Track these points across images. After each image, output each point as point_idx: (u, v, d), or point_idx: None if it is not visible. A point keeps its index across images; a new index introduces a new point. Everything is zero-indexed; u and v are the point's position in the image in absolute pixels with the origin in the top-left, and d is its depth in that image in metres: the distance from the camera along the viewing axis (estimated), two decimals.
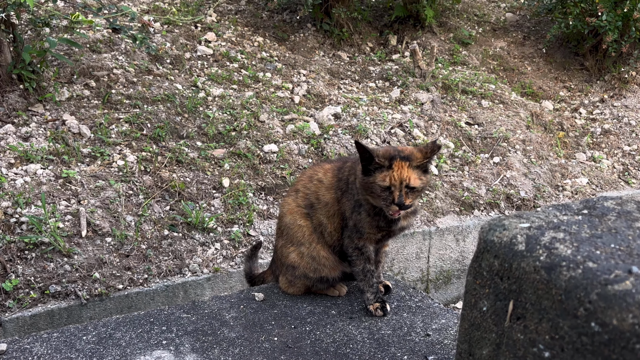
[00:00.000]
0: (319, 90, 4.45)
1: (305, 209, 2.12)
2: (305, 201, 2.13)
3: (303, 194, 2.15)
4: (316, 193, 2.11)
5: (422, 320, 2.00)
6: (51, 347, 1.79)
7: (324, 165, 2.20)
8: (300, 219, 2.12)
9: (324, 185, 2.10)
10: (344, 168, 2.10)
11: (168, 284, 2.84)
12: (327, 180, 2.10)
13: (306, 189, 2.15)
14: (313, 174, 2.18)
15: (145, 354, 1.75)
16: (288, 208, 2.17)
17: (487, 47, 5.69)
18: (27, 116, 3.41)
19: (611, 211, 1.15)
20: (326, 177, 2.12)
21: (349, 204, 2.01)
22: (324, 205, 2.09)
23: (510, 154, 4.24)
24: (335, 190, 2.07)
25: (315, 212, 2.11)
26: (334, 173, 2.12)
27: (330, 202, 2.08)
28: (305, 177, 2.20)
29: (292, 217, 2.14)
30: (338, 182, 2.07)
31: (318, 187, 2.12)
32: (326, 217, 2.09)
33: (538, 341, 0.99)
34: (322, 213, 2.09)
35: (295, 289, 2.21)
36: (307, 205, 2.12)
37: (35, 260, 2.73)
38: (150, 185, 3.23)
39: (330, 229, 2.09)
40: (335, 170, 2.13)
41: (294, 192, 2.21)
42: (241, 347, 1.80)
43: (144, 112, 3.66)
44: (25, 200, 2.88)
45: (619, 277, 0.88)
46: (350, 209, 2.00)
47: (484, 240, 1.12)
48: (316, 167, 2.24)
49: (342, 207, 2.04)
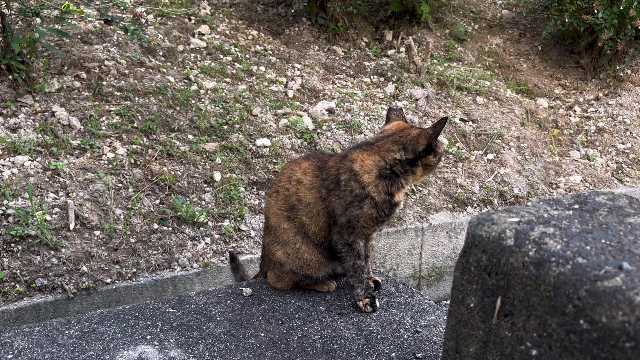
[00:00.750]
0: (313, 85, 4.41)
1: (286, 211, 2.10)
2: (285, 203, 2.10)
3: (283, 195, 2.11)
4: (297, 194, 2.08)
5: (412, 316, 1.98)
6: (32, 341, 1.75)
7: (302, 164, 2.14)
8: (284, 222, 2.11)
9: (305, 186, 2.06)
10: (326, 167, 2.06)
11: (157, 279, 2.80)
12: (308, 181, 2.07)
13: (286, 190, 2.11)
14: (291, 173, 2.13)
15: (129, 349, 1.72)
16: (272, 211, 2.15)
17: (483, 43, 5.67)
18: (16, 107, 3.36)
19: (603, 206, 1.12)
20: (306, 177, 2.08)
21: (341, 201, 1.98)
22: (306, 206, 2.06)
23: (504, 151, 4.22)
24: (318, 190, 2.03)
25: (296, 213, 2.08)
26: (315, 173, 2.07)
27: (312, 202, 2.05)
28: (284, 177, 2.16)
29: (277, 220, 2.13)
30: (322, 182, 2.03)
31: (298, 187, 2.08)
32: (309, 218, 2.06)
33: (526, 339, 0.96)
34: (304, 214, 2.07)
35: (283, 284, 2.19)
36: (288, 207, 2.10)
37: (22, 253, 2.69)
38: (140, 178, 3.19)
39: (315, 228, 2.06)
40: (316, 170, 2.08)
41: (275, 192, 2.17)
42: (227, 342, 1.77)
43: (135, 105, 3.61)
44: (12, 192, 2.84)
45: (609, 273, 0.85)
46: (344, 205, 1.97)
47: (472, 234, 1.09)
48: (293, 165, 2.18)
49: (329, 205, 2.01)
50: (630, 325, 0.78)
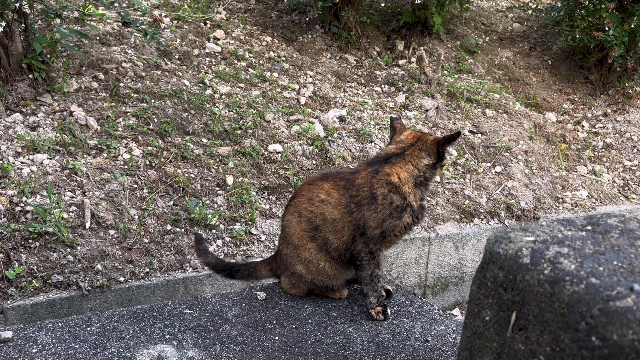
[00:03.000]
0: (325, 92, 4.48)
1: (309, 232, 2.17)
2: (309, 224, 2.16)
3: (306, 217, 2.17)
4: (321, 215, 2.14)
5: (422, 326, 2.03)
6: (56, 336, 1.81)
7: (323, 185, 2.18)
8: (307, 243, 2.17)
9: (330, 205, 2.12)
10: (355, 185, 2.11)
11: (169, 279, 2.86)
12: (334, 200, 2.12)
13: (309, 212, 2.16)
14: (313, 196, 2.18)
15: (149, 348, 1.78)
16: (294, 230, 2.20)
17: (493, 56, 5.72)
18: (35, 106, 3.44)
19: (614, 228, 1.18)
20: (331, 196, 2.13)
21: (378, 215, 2.03)
22: (331, 223, 2.12)
23: (512, 164, 4.27)
24: (346, 206, 2.09)
25: (320, 232, 2.15)
26: (340, 191, 2.12)
27: (338, 218, 2.11)
28: (305, 199, 2.20)
29: (300, 241, 2.18)
30: (352, 198, 2.08)
31: (322, 208, 2.13)
32: (333, 233, 2.13)
33: (539, 352, 1.02)
34: (329, 230, 2.13)
35: (297, 291, 2.25)
36: (311, 228, 2.16)
37: (39, 249, 2.76)
38: (154, 179, 3.26)
39: (337, 243, 2.13)
40: (342, 188, 2.13)
41: (296, 214, 2.21)
42: (243, 344, 1.83)
43: (151, 107, 3.68)
44: (30, 189, 2.91)
45: (621, 294, 0.91)
46: (382, 218, 2.03)
47: (490, 251, 1.15)
48: (313, 187, 2.21)
49: (359, 219, 2.06)
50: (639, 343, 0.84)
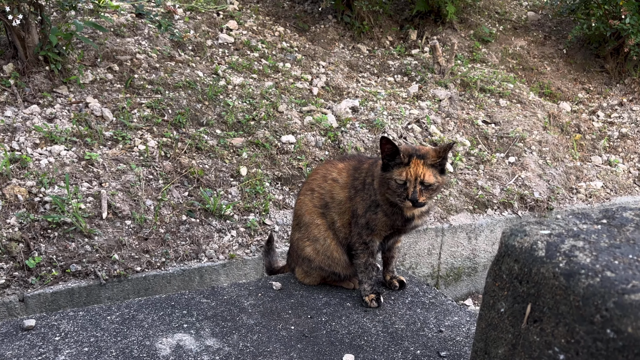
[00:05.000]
0: (338, 83, 4.48)
1: (320, 208, 2.20)
2: (320, 201, 2.20)
3: (318, 194, 2.21)
4: (331, 192, 2.18)
5: (435, 316, 2.05)
6: (77, 324, 1.86)
7: (337, 165, 2.24)
8: (317, 219, 2.20)
9: (339, 185, 2.16)
10: (360, 169, 2.16)
11: (185, 268, 2.90)
12: (342, 180, 2.16)
13: (321, 188, 2.21)
14: (327, 173, 2.23)
15: (167, 336, 1.82)
16: (306, 209, 2.24)
17: (507, 45, 5.68)
18: (52, 97, 3.48)
19: (630, 222, 1.18)
20: (341, 176, 2.17)
21: (364, 203, 2.07)
22: (338, 204, 2.16)
23: (526, 154, 4.25)
24: (349, 189, 2.13)
25: (329, 210, 2.19)
26: (350, 172, 2.17)
27: (343, 200, 2.15)
28: (319, 176, 2.25)
29: (310, 217, 2.22)
30: (353, 182, 2.13)
31: (333, 186, 2.18)
32: (337, 214, 2.16)
33: (554, 344, 1.03)
34: (335, 211, 2.17)
35: (311, 279, 2.28)
36: (322, 205, 2.20)
37: (58, 239, 2.81)
38: (170, 170, 3.29)
39: (339, 224, 2.17)
40: (351, 169, 2.18)
41: (309, 191, 2.26)
42: (259, 333, 1.86)
43: (165, 98, 3.71)
44: (49, 180, 2.96)
45: (636, 288, 0.92)
46: (365, 208, 2.06)
47: (505, 244, 1.16)
48: (328, 165, 2.28)
49: (354, 205, 2.10)
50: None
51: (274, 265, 2.59)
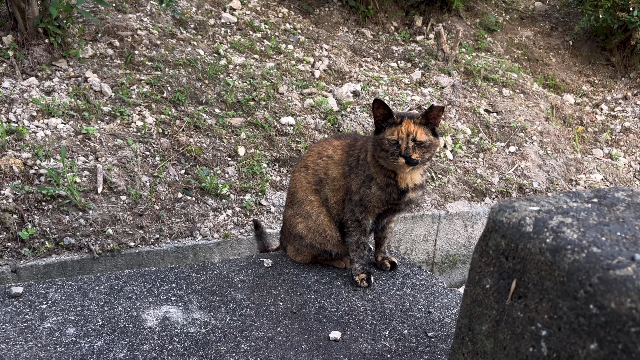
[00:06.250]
0: (340, 66, 4.44)
1: (314, 185, 2.19)
2: (314, 177, 2.19)
3: (312, 170, 2.20)
4: (325, 169, 2.17)
5: (425, 297, 2.04)
6: (65, 294, 1.85)
7: (333, 142, 2.24)
8: (310, 195, 2.19)
9: (333, 161, 2.16)
10: (355, 146, 2.15)
11: (178, 245, 2.90)
12: (337, 157, 2.16)
13: (315, 165, 2.20)
14: (322, 150, 2.23)
15: (155, 308, 1.81)
16: (300, 185, 2.23)
17: (513, 35, 5.62)
18: (51, 71, 3.46)
19: (621, 202, 1.16)
20: (336, 153, 2.17)
21: (357, 179, 2.06)
22: (332, 180, 2.15)
23: (526, 144, 4.22)
24: (343, 166, 2.12)
25: (323, 187, 2.18)
26: (344, 149, 2.17)
27: (337, 177, 2.14)
28: (314, 153, 2.25)
29: (304, 193, 2.21)
30: (347, 158, 2.12)
31: (327, 162, 2.17)
32: (331, 191, 2.16)
33: (537, 320, 1.02)
34: (329, 187, 2.16)
35: (302, 257, 2.27)
36: (316, 181, 2.19)
37: (52, 212, 2.80)
38: (167, 148, 3.28)
39: (332, 201, 2.16)
40: (346, 147, 2.17)
41: (303, 167, 2.25)
42: (247, 308, 1.85)
43: (165, 75, 3.69)
44: (45, 153, 2.94)
45: (621, 263, 0.90)
46: (359, 184, 2.05)
47: (493, 220, 1.15)
48: (324, 143, 2.28)
49: (348, 182, 2.10)
50: (637, 311, 0.83)
51: (268, 248, 2.58)
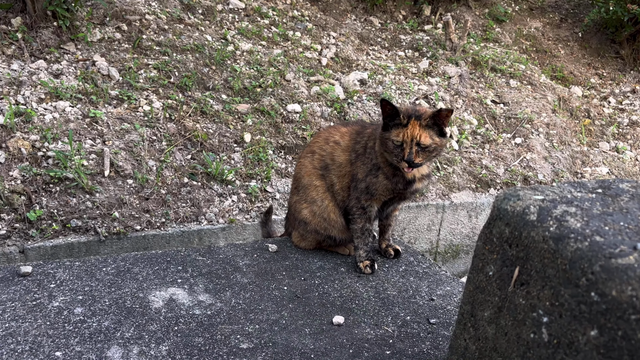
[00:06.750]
0: (347, 55, 4.43)
1: (320, 170, 2.20)
2: (320, 163, 2.20)
3: (319, 155, 2.21)
4: (332, 154, 2.18)
5: (428, 285, 2.06)
6: (73, 274, 1.88)
7: (341, 129, 2.24)
8: (316, 180, 2.20)
9: (341, 147, 2.16)
10: (363, 133, 2.15)
11: (184, 230, 2.92)
12: (344, 143, 2.16)
13: (322, 150, 2.21)
14: (329, 136, 2.23)
15: (161, 290, 1.84)
16: (305, 170, 2.24)
17: (522, 26, 5.58)
18: (59, 54, 3.47)
19: (625, 192, 1.17)
20: (343, 139, 2.18)
21: (364, 167, 2.07)
22: (338, 166, 2.16)
23: (532, 136, 4.21)
24: (350, 153, 2.13)
25: (329, 172, 2.19)
26: (352, 136, 2.17)
27: (343, 163, 2.15)
28: (321, 139, 2.26)
29: (309, 178, 2.22)
30: (355, 145, 2.13)
31: (334, 148, 2.18)
32: (337, 177, 2.17)
33: (538, 307, 1.04)
34: (335, 173, 2.17)
35: (306, 243, 2.28)
36: (322, 167, 2.20)
37: (59, 194, 2.82)
38: (173, 132, 3.29)
39: (338, 187, 2.17)
40: (354, 133, 2.18)
41: (309, 153, 2.26)
42: (252, 292, 1.88)
43: (172, 60, 3.69)
44: (53, 135, 2.96)
45: (624, 252, 0.91)
46: (366, 172, 2.06)
47: (498, 208, 1.16)
48: (331, 129, 2.28)
49: (354, 169, 2.10)
50: (637, 299, 0.85)
51: (272, 235, 2.60)
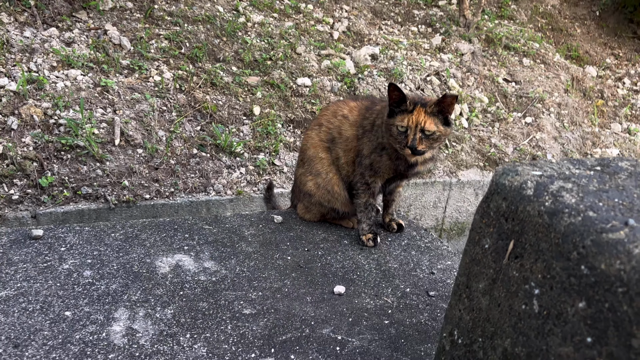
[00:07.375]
0: (359, 29, 4.40)
1: (327, 142, 2.22)
2: (327, 135, 2.22)
3: (326, 128, 2.22)
4: (339, 128, 2.19)
5: (429, 259, 2.09)
6: (82, 238, 1.93)
7: (350, 103, 2.25)
8: (321, 152, 2.22)
9: (349, 122, 2.17)
10: (372, 109, 2.16)
11: (192, 200, 2.97)
12: (353, 118, 2.17)
13: (329, 123, 2.22)
14: (337, 109, 2.24)
15: (168, 256, 1.89)
16: (311, 142, 2.26)
17: (538, 3, 5.49)
18: (71, 22, 3.48)
19: (624, 171, 1.18)
20: (352, 114, 2.18)
21: (370, 144, 2.08)
22: (344, 140, 2.17)
23: (543, 115, 4.19)
24: (357, 128, 2.14)
25: (335, 145, 2.20)
26: (361, 112, 2.18)
27: (350, 138, 2.16)
28: (329, 112, 2.27)
29: (315, 150, 2.23)
30: (362, 121, 2.14)
31: (342, 122, 2.19)
32: (343, 151, 2.18)
33: (531, 279, 1.06)
34: (341, 147, 2.18)
35: (311, 215, 2.32)
36: (329, 139, 2.21)
37: (70, 161, 2.87)
38: (183, 103, 3.32)
39: (343, 161, 2.19)
40: (363, 109, 2.18)
41: (317, 126, 2.27)
42: (256, 261, 1.92)
43: (184, 31, 3.69)
44: (64, 103, 3.00)
45: (615, 227, 0.93)
46: (371, 149, 2.08)
47: (496, 182, 1.18)
48: (340, 103, 2.29)
49: (360, 145, 2.11)
50: (625, 273, 0.87)
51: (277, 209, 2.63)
